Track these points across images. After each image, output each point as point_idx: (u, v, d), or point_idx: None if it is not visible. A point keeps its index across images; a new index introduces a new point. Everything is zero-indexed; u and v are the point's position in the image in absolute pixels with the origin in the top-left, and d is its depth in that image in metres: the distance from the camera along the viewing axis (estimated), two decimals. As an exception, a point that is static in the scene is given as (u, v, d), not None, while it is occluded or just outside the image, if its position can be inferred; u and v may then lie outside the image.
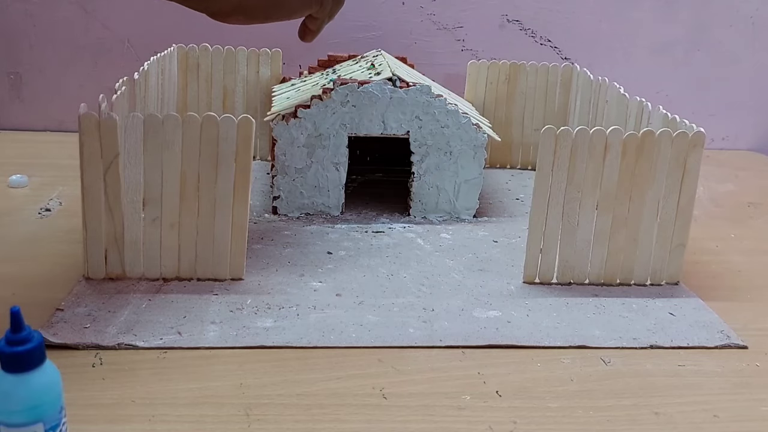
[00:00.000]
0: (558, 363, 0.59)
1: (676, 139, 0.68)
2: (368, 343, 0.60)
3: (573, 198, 0.69)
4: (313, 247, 0.77)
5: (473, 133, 0.85)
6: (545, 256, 0.70)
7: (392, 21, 1.19)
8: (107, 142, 0.62)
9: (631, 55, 1.25)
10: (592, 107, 1.00)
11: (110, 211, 0.65)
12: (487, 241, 0.82)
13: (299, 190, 0.85)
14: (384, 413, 0.51)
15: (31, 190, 0.91)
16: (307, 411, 0.51)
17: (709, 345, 0.62)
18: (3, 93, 1.17)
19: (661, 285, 0.72)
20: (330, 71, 0.98)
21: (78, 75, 1.17)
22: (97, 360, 0.55)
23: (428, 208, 0.87)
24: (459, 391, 0.54)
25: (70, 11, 1.15)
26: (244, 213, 0.67)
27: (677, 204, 0.70)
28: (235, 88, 1.06)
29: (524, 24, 1.22)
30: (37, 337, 0.40)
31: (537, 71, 1.08)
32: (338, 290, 0.68)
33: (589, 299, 0.69)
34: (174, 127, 0.63)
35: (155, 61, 0.89)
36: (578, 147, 0.67)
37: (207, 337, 0.59)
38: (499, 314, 0.65)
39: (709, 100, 1.29)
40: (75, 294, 0.64)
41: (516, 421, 0.51)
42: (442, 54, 1.21)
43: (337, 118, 0.83)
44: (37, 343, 0.40)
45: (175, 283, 0.67)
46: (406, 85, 0.83)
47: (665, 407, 0.54)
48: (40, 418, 0.40)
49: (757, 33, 1.27)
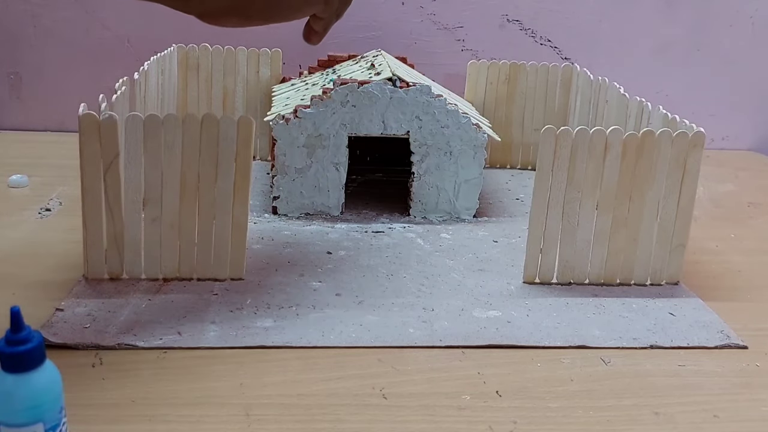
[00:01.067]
0: (558, 363, 0.59)
1: (676, 139, 0.68)
2: (368, 343, 0.60)
3: (573, 198, 0.69)
4: (313, 247, 0.77)
5: (473, 133, 0.85)
6: (545, 256, 0.70)
7: (392, 21, 1.19)
8: (107, 142, 0.62)
9: (631, 55, 1.25)
10: (592, 107, 1.00)
11: (110, 211, 0.65)
12: (487, 241, 0.82)
13: (299, 190, 0.85)
14: (384, 413, 0.51)
15: (31, 190, 0.91)
16: (307, 411, 0.51)
17: (709, 345, 0.62)
18: (3, 93, 1.17)
19: (661, 285, 0.72)
20: (330, 71, 0.98)
21: (78, 75, 1.17)
22: (97, 360, 0.55)
23: (428, 208, 0.87)
24: (459, 391, 0.54)
25: (70, 11, 1.15)
26: (244, 213, 0.67)
27: (677, 204, 0.70)
28: (235, 88, 1.06)
29: (524, 24, 1.22)
30: (37, 337, 0.40)
31: (537, 71, 1.08)
32: (338, 290, 0.68)
33: (589, 299, 0.69)
34: (174, 127, 0.63)
35: (155, 61, 0.89)
36: (578, 147, 0.67)
37: (207, 337, 0.59)
38: (499, 314, 0.65)
39: (709, 100, 1.29)
40: (75, 294, 0.64)
41: (516, 421, 0.51)
42: (442, 54, 1.21)
43: (337, 118, 0.83)
44: (37, 343, 0.40)
45: (175, 283, 0.67)
46: (406, 85, 0.83)
47: (665, 407, 0.54)
48: (40, 418, 0.40)
49: (757, 33, 1.27)
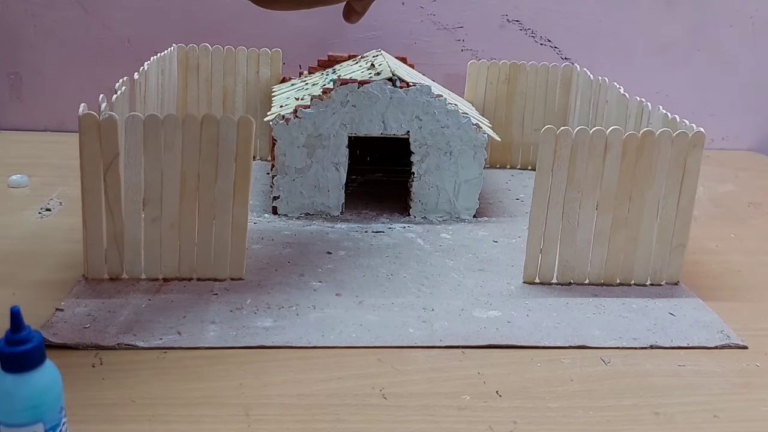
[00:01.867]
0: (558, 363, 0.59)
1: (676, 139, 0.68)
2: (368, 343, 0.60)
3: (573, 198, 0.69)
4: (313, 247, 0.77)
5: (473, 133, 0.85)
6: (545, 256, 0.70)
7: (392, 21, 1.19)
8: (107, 142, 0.62)
9: (631, 55, 1.25)
10: (592, 107, 1.00)
11: (110, 211, 0.65)
12: (487, 241, 0.82)
13: (299, 190, 0.85)
14: (384, 413, 0.51)
15: (31, 190, 0.91)
16: (307, 411, 0.51)
17: (709, 345, 0.62)
18: (3, 93, 1.17)
19: (661, 285, 0.72)
20: (330, 71, 0.98)
21: (78, 75, 1.17)
22: (97, 360, 0.55)
23: (428, 208, 0.87)
24: (459, 391, 0.54)
25: (70, 11, 1.15)
26: (244, 213, 0.67)
27: (677, 204, 0.70)
28: (235, 88, 1.06)
29: (524, 24, 1.22)
30: (37, 337, 0.40)
31: (537, 71, 1.08)
32: (338, 290, 0.68)
33: (589, 299, 0.69)
34: (174, 128, 0.63)
35: (155, 61, 0.89)
36: (578, 147, 0.67)
37: (207, 337, 0.59)
38: (499, 314, 0.65)
39: (709, 100, 1.29)
40: (75, 294, 0.64)
41: (516, 421, 0.51)
42: (442, 54, 1.21)
43: (337, 118, 0.83)
44: (37, 343, 0.40)
45: (175, 283, 0.67)
46: (406, 85, 0.83)
47: (665, 407, 0.54)
48: (40, 418, 0.40)
49: (757, 33, 1.27)
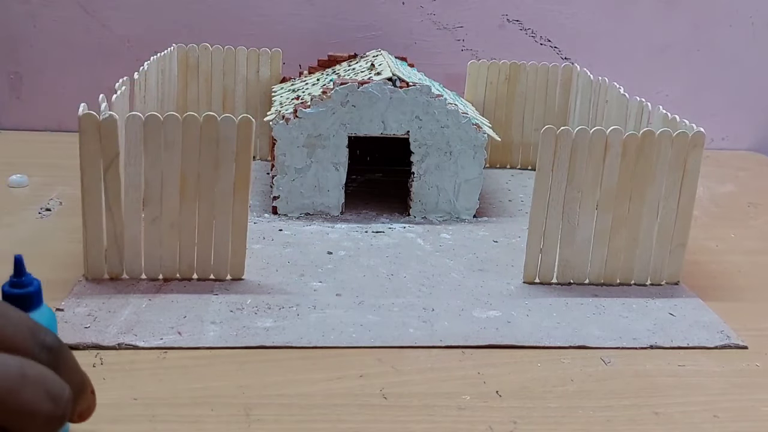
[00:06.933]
0: (558, 363, 0.59)
1: (676, 139, 0.68)
2: (368, 343, 0.60)
3: (573, 198, 0.69)
4: (313, 247, 0.77)
5: (473, 133, 0.85)
6: (545, 256, 0.70)
7: (392, 21, 1.19)
8: (107, 142, 0.62)
9: (631, 55, 1.25)
10: (592, 107, 1.00)
11: (110, 210, 0.65)
12: (487, 241, 0.82)
13: (299, 190, 0.85)
14: (384, 413, 0.51)
15: (31, 190, 0.91)
16: (307, 411, 0.51)
17: (709, 345, 0.62)
18: (3, 93, 1.17)
19: (661, 285, 0.72)
20: (330, 71, 0.98)
21: (78, 75, 1.16)
22: (97, 360, 0.55)
23: (428, 208, 0.87)
24: (459, 391, 0.54)
25: (70, 11, 1.14)
26: (244, 213, 0.67)
27: (677, 204, 0.70)
28: (235, 88, 1.06)
29: (524, 24, 1.22)
30: (36, 283, 0.43)
31: (537, 71, 1.08)
32: (338, 290, 0.68)
33: (589, 299, 0.69)
34: (174, 127, 0.63)
35: (155, 61, 0.89)
36: (578, 147, 0.67)
37: (207, 337, 0.59)
38: (499, 314, 0.65)
39: (709, 100, 1.29)
40: (75, 294, 0.64)
41: (516, 421, 0.51)
42: (442, 54, 1.21)
43: (337, 118, 0.83)
44: (37, 287, 0.43)
45: (175, 283, 0.67)
46: (406, 85, 0.83)
47: (665, 407, 0.54)
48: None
49: (756, 33, 1.27)
